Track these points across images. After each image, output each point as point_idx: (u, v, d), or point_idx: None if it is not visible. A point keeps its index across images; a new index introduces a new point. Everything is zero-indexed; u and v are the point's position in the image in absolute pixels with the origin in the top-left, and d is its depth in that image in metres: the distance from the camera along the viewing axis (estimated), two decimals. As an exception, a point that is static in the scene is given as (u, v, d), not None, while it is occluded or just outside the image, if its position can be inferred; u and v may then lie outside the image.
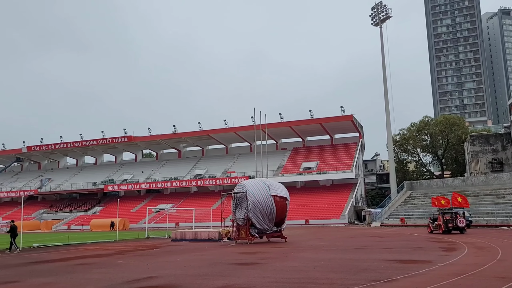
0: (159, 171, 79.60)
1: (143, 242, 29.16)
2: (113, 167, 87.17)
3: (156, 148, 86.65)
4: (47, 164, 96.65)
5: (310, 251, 18.30)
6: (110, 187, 77.27)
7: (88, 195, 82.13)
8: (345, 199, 59.71)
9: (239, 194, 24.40)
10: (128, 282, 10.54)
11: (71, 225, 69.26)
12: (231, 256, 17.05)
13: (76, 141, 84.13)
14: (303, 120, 69.72)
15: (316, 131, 73.18)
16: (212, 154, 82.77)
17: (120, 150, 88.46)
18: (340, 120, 67.38)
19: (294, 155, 73.69)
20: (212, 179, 70.90)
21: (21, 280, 11.41)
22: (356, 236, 29.62)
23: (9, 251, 22.68)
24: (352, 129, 70.94)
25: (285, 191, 25.57)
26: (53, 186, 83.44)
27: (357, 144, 70.66)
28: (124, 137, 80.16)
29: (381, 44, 65.46)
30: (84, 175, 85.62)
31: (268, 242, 24.63)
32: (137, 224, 62.45)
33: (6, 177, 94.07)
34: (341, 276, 10.56)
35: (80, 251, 21.83)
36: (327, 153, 71.26)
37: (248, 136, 73.12)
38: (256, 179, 26.71)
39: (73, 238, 34.13)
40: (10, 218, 73.31)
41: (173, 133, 78.02)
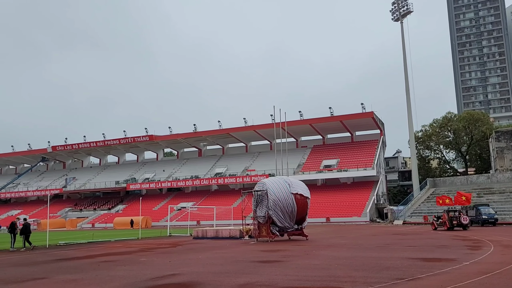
0: (180, 170, 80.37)
1: (166, 240, 29.51)
2: (135, 166, 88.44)
3: (177, 147, 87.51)
4: (71, 163, 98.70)
5: (332, 249, 18.22)
6: (132, 186, 78.44)
7: (111, 194, 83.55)
8: (366, 197, 59.17)
9: (259, 192, 24.44)
10: (152, 279, 10.70)
11: (95, 223, 70.57)
12: (253, 253, 17.11)
13: (99, 141, 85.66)
14: (323, 118, 69.33)
15: (336, 129, 72.68)
16: (232, 153, 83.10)
17: (142, 149, 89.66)
18: (360, 117, 66.73)
19: (314, 152, 73.35)
20: (233, 177, 71.17)
21: (48, 277, 11.70)
22: (378, 234, 29.33)
23: (24, 248, 23.11)
24: (373, 126, 70.17)
25: (305, 189, 25.49)
26: (77, 185, 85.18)
27: (378, 141, 69.90)
28: (146, 136, 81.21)
29: (402, 40, 64.51)
30: (107, 174, 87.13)
31: (289, 240, 24.62)
32: (159, 222, 63.24)
33: (32, 177, 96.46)
34: (363, 274, 10.49)
35: (104, 249, 22.24)
36: (348, 150, 70.69)
37: (267, 134, 73.13)
38: (277, 177, 26.69)
39: (97, 236, 34.78)
40: (37, 216, 75.35)
41: (193, 132, 78.65)
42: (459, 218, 30.31)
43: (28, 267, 14.38)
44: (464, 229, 30.04)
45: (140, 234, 33.37)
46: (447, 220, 30.60)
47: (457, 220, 30.32)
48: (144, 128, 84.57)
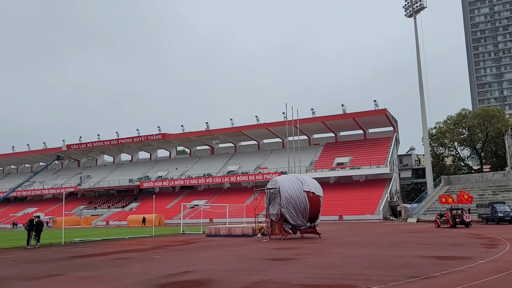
0: (193, 168, 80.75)
1: (179, 237, 29.69)
2: (148, 164, 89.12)
3: (189, 145, 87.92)
4: (86, 161, 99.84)
5: (345, 247, 18.15)
6: (146, 184, 79.07)
7: (125, 192, 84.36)
8: (379, 195, 58.78)
9: (272, 190, 24.44)
10: (166, 276, 10.78)
11: (110, 221, 71.31)
12: (266, 251, 17.13)
13: (113, 139, 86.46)
14: (336, 115, 68.99)
15: (349, 126, 72.28)
16: (244, 151, 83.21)
17: (155, 147, 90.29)
18: (373, 114, 66.26)
19: (327, 150, 73.06)
20: (245, 175, 71.29)
21: (64, 274, 11.87)
22: (391, 232, 29.14)
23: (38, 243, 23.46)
24: (386, 124, 69.63)
25: (318, 186, 25.43)
26: (92, 183, 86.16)
27: (391, 138, 69.35)
28: (158, 135, 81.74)
29: (415, 36, 63.85)
30: (120, 172, 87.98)
31: (302, 238, 24.60)
32: (172, 220, 63.65)
33: (47, 175, 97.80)
34: (377, 272, 10.43)
35: (119, 246, 22.47)
36: (361, 148, 70.26)
37: (280, 132, 73.05)
38: (289, 175, 26.66)
39: (112, 233, 35.16)
40: (52, 214, 76.39)
41: (206, 130, 78.94)
42: (462, 216, 31.50)
43: (44, 264, 14.60)
44: (467, 227, 30.90)
45: (154, 232, 33.63)
46: (450, 218, 31.85)
47: (460, 218, 31.57)
48: (157, 126, 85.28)
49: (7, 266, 14.37)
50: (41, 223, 24.43)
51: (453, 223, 31.64)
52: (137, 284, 9.68)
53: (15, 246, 23.89)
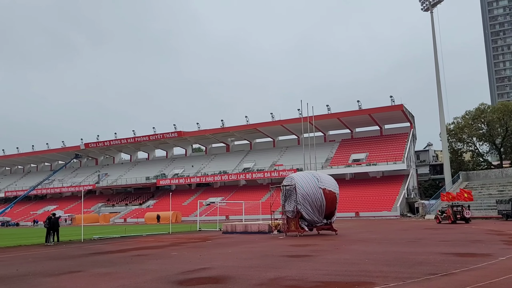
0: (209, 165, 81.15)
1: (196, 234, 29.91)
2: (165, 162, 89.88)
3: (205, 142, 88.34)
4: (103, 160, 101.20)
5: (362, 244, 18.04)
6: (162, 181, 79.77)
7: (142, 189, 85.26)
8: (396, 191, 58.23)
9: (288, 186, 24.43)
10: (183, 273, 10.88)
11: (127, 218, 72.20)
12: (282, 248, 17.14)
13: (130, 137, 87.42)
14: (351, 111, 68.51)
15: (364, 122, 71.71)
16: (260, 148, 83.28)
17: (171, 145, 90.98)
18: (389, 110, 65.60)
19: (343, 146, 72.64)
20: (260, 172, 71.34)
21: (84, 270, 12.07)
22: (409, 228, 28.85)
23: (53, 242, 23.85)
24: (403, 119, 68.88)
25: (334, 183, 25.32)
26: (109, 181, 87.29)
27: (408, 134, 68.59)
28: (174, 133, 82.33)
29: (432, 29, 62.88)
30: (137, 170, 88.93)
31: (318, 235, 24.55)
32: (189, 217, 64.11)
33: (66, 173, 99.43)
34: (395, 269, 10.35)
35: (137, 243, 22.74)
36: (377, 144, 69.67)
37: (295, 128, 72.89)
38: (305, 172, 26.59)
39: (130, 231, 35.60)
40: (71, 211, 77.67)
41: (221, 128, 79.18)
42: (462, 213, 33.12)
43: (64, 261, 14.87)
44: (467, 222, 32.60)
45: (171, 229, 33.94)
46: (451, 214, 33.38)
47: (460, 214, 33.16)
48: (173, 124, 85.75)
49: (29, 262, 14.68)
50: (56, 220, 24.77)
51: (454, 219, 33.12)
52: (155, 280, 9.79)
53: (36, 243, 24.36)
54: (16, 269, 12.84)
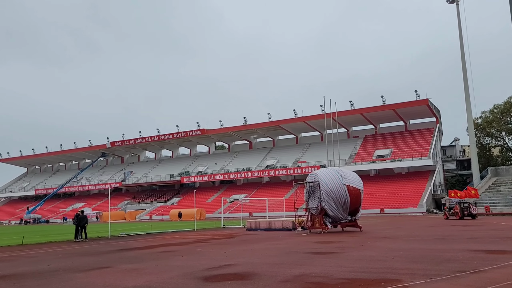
0: (232, 163, 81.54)
1: (220, 231, 30.12)
2: (188, 160, 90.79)
3: (228, 140, 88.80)
4: (129, 158, 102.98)
5: (387, 241, 17.82)
6: (186, 179, 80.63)
7: (167, 187, 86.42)
8: (422, 187, 57.29)
9: (311, 183, 24.33)
10: (208, 269, 10.99)
11: (153, 215, 73.31)
12: (306, 245, 17.11)
13: (154, 136, 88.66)
14: (375, 107, 67.63)
15: (389, 118, 70.70)
16: (283, 144, 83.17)
17: (194, 143, 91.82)
18: (414, 105, 64.48)
19: (366, 142, 71.83)
20: (284, 169, 71.28)
21: (112, 266, 12.34)
22: (436, 225, 28.34)
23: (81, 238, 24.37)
24: (428, 114, 67.60)
25: (358, 179, 25.09)
26: (135, 178, 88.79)
27: (434, 129, 67.30)
28: (197, 130, 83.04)
29: (458, 22, 61.41)
30: (162, 168, 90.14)
31: (342, 232, 24.38)
32: (213, 214, 64.63)
33: (93, 171, 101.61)
34: (422, 267, 10.19)
35: (162, 240, 23.08)
36: (402, 139, 68.63)
37: (318, 125, 72.47)
38: (328, 168, 26.42)
39: (155, 227, 36.14)
40: (99, 209, 79.33)
41: (244, 125, 79.42)
42: (469, 209, 34.80)
43: (93, 257, 15.22)
44: (473, 218, 34.07)
45: (195, 226, 34.29)
46: (459, 210, 35.04)
47: (467, 211, 34.78)
48: (196, 122, 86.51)
49: (59, 258, 15.09)
50: (85, 218, 25.32)
51: (462, 215, 34.79)
52: (181, 276, 9.93)
53: (66, 240, 25.01)
54: (47, 264, 13.22)
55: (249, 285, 8.50)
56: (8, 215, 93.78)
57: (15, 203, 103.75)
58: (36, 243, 23.41)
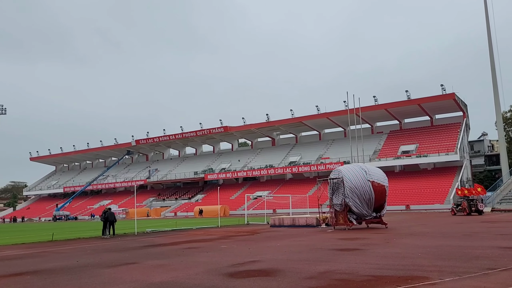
0: (255, 159, 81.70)
1: (244, 228, 30.25)
2: (212, 157, 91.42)
3: (251, 137, 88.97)
4: (153, 155, 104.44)
5: (414, 238, 17.54)
6: (210, 176, 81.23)
7: (191, 184, 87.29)
8: (449, 183, 56.13)
9: (335, 179, 24.16)
10: (233, 265, 11.05)
11: (177, 212, 74.19)
12: (331, 241, 17.01)
13: (178, 133, 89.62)
14: (399, 102, 66.54)
15: (414, 112, 69.48)
16: (306, 141, 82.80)
17: (217, 140, 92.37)
18: (440, 99, 63.15)
19: (391, 138, 70.81)
20: (307, 166, 70.97)
21: (138, 262, 12.56)
22: (464, 222, 27.73)
23: (109, 235, 24.80)
24: (455, 108, 66.11)
25: (383, 175, 24.75)
26: (159, 176, 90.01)
27: (460, 124, 65.80)
28: (220, 128, 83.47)
29: (485, 13, 59.66)
30: (186, 165, 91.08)
31: (367, 228, 24.13)
32: (236, 211, 64.94)
33: (119, 169, 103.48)
34: (450, 264, 10.00)
35: (187, 236, 23.34)
36: (427, 135, 67.37)
37: (341, 121, 71.83)
38: (352, 164, 26.15)
39: (180, 224, 36.60)
40: (125, 206, 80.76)
41: (266, 122, 79.41)
42: (477, 206, 36.27)
43: (120, 253, 15.53)
44: (480, 214, 35.66)
45: (220, 222, 34.54)
46: (467, 207, 36.37)
47: (475, 207, 36.25)
48: (219, 119, 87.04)
49: (88, 254, 15.45)
50: (112, 214, 25.75)
51: (469, 211, 36.17)
52: (206, 272, 10.02)
53: (94, 236, 25.59)
54: (76, 260, 13.56)
55: (274, 282, 8.51)
56: (38, 212, 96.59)
57: (44, 201, 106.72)
58: (65, 239, 24.02)
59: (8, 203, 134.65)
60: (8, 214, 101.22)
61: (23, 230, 39.64)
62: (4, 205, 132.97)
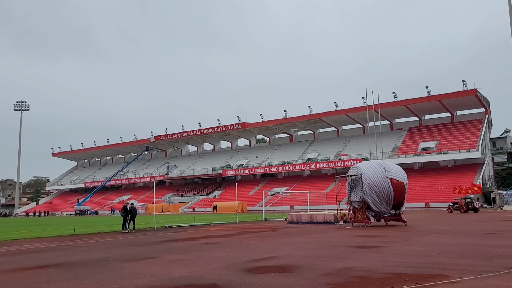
0: (272, 156, 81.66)
1: (261, 224, 30.32)
2: (230, 153, 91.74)
3: (268, 133, 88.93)
4: (172, 151, 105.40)
5: (433, 236, 17.33)
6: (228, 172, 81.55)
7: (209, 180, 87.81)
8: (470, 181, 55.14)
9: (353, 176, 24.00)
10: (251, 261, 11.11)
11: (195, 208, 74.73)
12: (349, 238, 16.93)
13: (196, 130, 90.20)
14: (419, 98, 65.58)
15: (434, 109, 68.41)
16: (323, 138, 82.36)
17: (235, 136, 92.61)
18: (461, 95, 61.98)
19: (410, 135, 69.90)
20: (325, 162, 70.64)
21: (158, 256, 12.73)
22: (485, 220, 27.25)
23: (128, 229, 25.08)
24: (476, 105, 64.82)
25: (402, 172, 24.49)
26: (178, 172, 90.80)
27: (482, 120, 64.52)
28: (238, 124, 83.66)
29: (509, 7, 58.17)
30: (204, 161, 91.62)
31: (386, 226, 23.92)
32: (254, 207, 65.08)
33: (138, 165, 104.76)
34: (471, 262, 9.86)
35: (205, 232, 23.52)
36: (448, 131, 66.26)
37: (360, 117, 71.19)
38: (371, 161, 25.93)
39: (198, 220, 36.87)
40: (144, 201, 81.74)
41: (284, 118, 79.23)
42: (473, 204, 38.47)
43: (140, 247, 15.76)
44: (475, 212, 37.76)
45: (237, 218, 34.68)
46: (464, 205, 38.69)
47: (471, 205, 38.37)
48: (237, 116, 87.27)
49: (108, 248, 15.73)
50: (134, 209, 26.02)
51: (466, 209, 38.40)
52: (224, 268, 10.10)
53: (114, 230, 26.00)
54: (97, 254, 13.82)
55: (292, 278, 8.53)
56: (60, 206, 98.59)
57: (66, 195, 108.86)
58: (87, 233, 24.48)
59: (32, 197, 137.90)
60: (32, 209, 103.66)
61: (46, 224, 40.54)
62: (28, 199, 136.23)
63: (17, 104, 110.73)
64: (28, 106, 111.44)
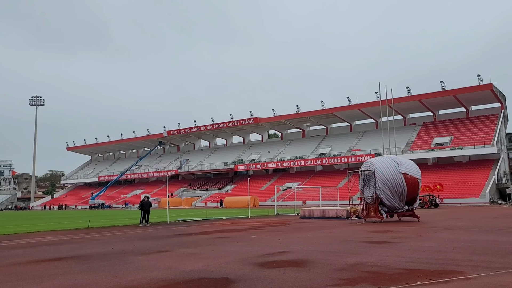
0: (284, 151, 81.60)
1: (273, 218, 30.35)
2: (242, 148, 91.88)
3: (281, 128, 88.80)
4: (184, 146, 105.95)
5: (447, 232, 17.16)
6: (240, 167, 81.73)
7: (221, 175, 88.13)
8: (485, 177, 54.46)
9: (366, 172, 23.85)
10: (263, 255, 11.14)
11: (208, 202, 75.11)
12: (361, 234, 16.86)
13: (208, 125, 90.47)
14: (434, 93, 64.81)
15: (448, 104, 67.54)
16: (336, 133, 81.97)
17: (247, 131, 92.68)
18: (477, 90, 61.07)
19: (424, 130, 69.19)
20: (337, 158, 70.34)
21: (171, 250, 12.84)
22: (500, 216, 26.89)
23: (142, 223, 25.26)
24: (492, 99, 63.82)
25: (416, 168, 24.25)
26: (190, 166, 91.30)
27: (498, 115, 63.56)
28: (250, 119, 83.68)
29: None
30: (216, 156, 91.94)
31: (399, 221, 23.76)
32: (266, 202, 65.17)
33: (151, 159, 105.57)
34: (486, 259, 9.75)
35: (218, 226, 23.64)
36: (462, 126, 65.44)
37: (373, 112, 70.65)
38: (384, 156, 25.72)
39: (211, 214, 37.07)
40: (157, 195, 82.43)
41: (296, 113, 79.01)
42: (435, 200, 45.17)
43: (153, 241, 15.91)
44: (436, 207, 43.44)
45: (249, 213, 34.77)
46: (428, 201, 44.46)
47: (434, 201, 44.81)
48: (249, 111, 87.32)
49: (122, 242, 15.91)
50: (148, 203, 26.12)
51: (430, 205, 44.02)
52: (237, 262, 10.15)
53: (128, 224, 26.28)
54: (111, 247, 14.00)
55: (304, 272, 8.54)
56: (75, 200, 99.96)
57: (80, 189, 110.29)
58: (101, 227, 24.78)
59: (47, 191, 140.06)
60: (47, 202, 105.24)
61: (61, 217, 41.15)
62: (43, 193, 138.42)
63: (32, 99, 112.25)
64: (43, 101, 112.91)
